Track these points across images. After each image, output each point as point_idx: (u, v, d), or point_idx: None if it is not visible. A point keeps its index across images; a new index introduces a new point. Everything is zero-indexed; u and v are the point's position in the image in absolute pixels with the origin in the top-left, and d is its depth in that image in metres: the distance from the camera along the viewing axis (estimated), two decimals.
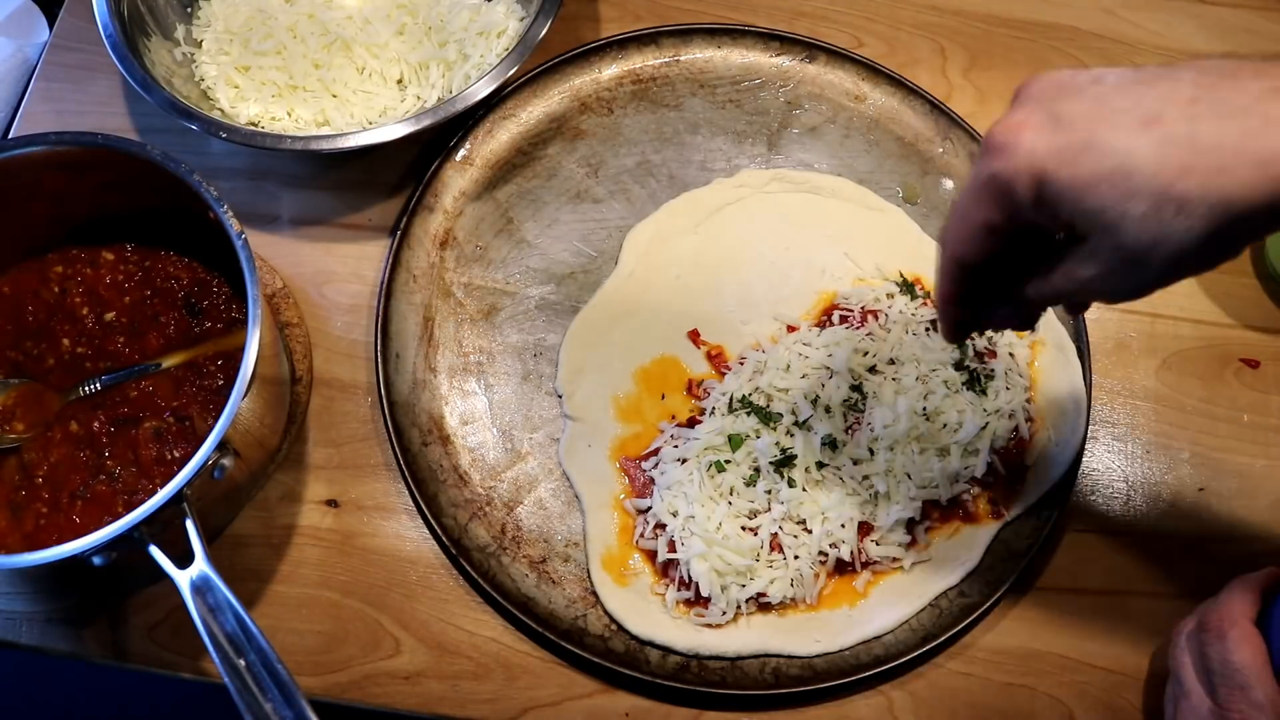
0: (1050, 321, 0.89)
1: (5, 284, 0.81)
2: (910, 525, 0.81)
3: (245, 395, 0.66)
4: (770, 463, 0.81)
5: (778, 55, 0.98)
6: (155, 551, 0.65)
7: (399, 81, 0.94)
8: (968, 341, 0.86)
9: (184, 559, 0.65)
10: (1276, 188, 0.46)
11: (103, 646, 0.78)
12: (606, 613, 0.79)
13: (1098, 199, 0.49)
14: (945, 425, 0.83)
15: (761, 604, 0.79)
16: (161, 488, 0.64)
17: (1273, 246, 0.94)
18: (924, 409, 0.83)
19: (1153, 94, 0.49)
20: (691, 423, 0.85)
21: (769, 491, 0.80)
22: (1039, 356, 0.88)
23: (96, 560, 0.65)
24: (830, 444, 0.81)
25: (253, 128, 0.89)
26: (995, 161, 0.52)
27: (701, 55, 0.98)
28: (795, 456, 0.81)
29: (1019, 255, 0.57)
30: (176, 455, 0.76)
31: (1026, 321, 0.63)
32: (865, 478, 0.81)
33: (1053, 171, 0.50)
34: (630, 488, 0.83)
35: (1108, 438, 0.89)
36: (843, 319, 0.88)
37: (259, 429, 0.75)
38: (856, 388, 0.83)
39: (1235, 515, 0.88)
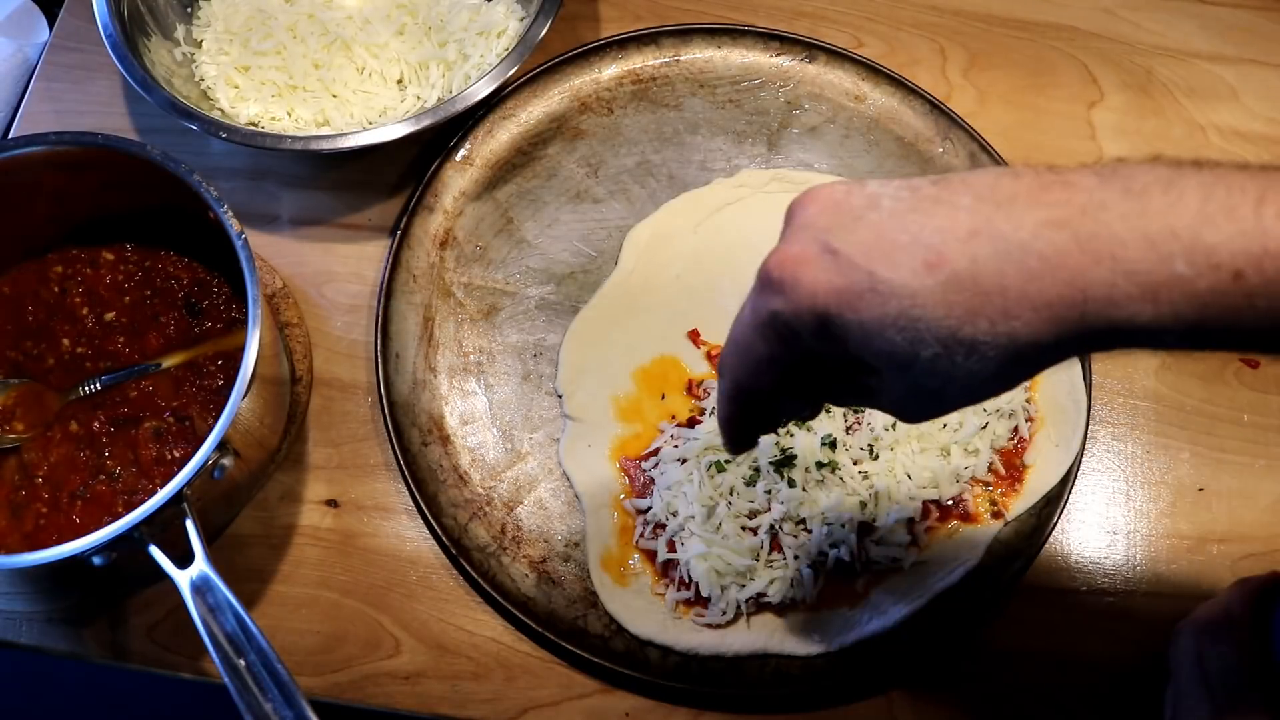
0: None
1: (5, 284, 0.81)
2: (910, 525, 0.81)
3: (245, 395, 0.66)
4: (770, 463, 0.81)
5: (778, 55, 0.98)
6: (155, 551, 0.65)
7: (399, 81, 0.94)
8: None
9: (184, 559, 0.65)
10: (1061, 328, 0.45)
11: (103, 646, 0.78)
12: (606, 613, 0.79)
13: (885, 343, 0.46)
14: (945, 425, 0.83)
15: (761, 604, 0.79)
16: (161, 488, 0.64)
17: None
18: None
19: (931, 226, 0.46)
20: (691, 423, 0.85)
21: (769, 491, 0.80)
22: None
23: (96, 560, 0.65)
24: (830, 444, 0.81)
25: (253, 128, 0.89)
26: (774, 300, 0.49)
27: (701, 55, 0.98)
28: (795, 456, 0.81)
29: (810, 376, 0.54)
30: (176, 455, 0.76)
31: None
32: (865, 478, 0.81)
33: (835, 315, 0.47)
34: (630, 488, 0.83)
35: (1108, 438, 0.89)
36: None
37: (259, 429, 0.75)
38: None
39: (1235, 515, 0.88)
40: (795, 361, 0.51)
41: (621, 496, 0.83)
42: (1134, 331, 0.44)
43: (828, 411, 0.82)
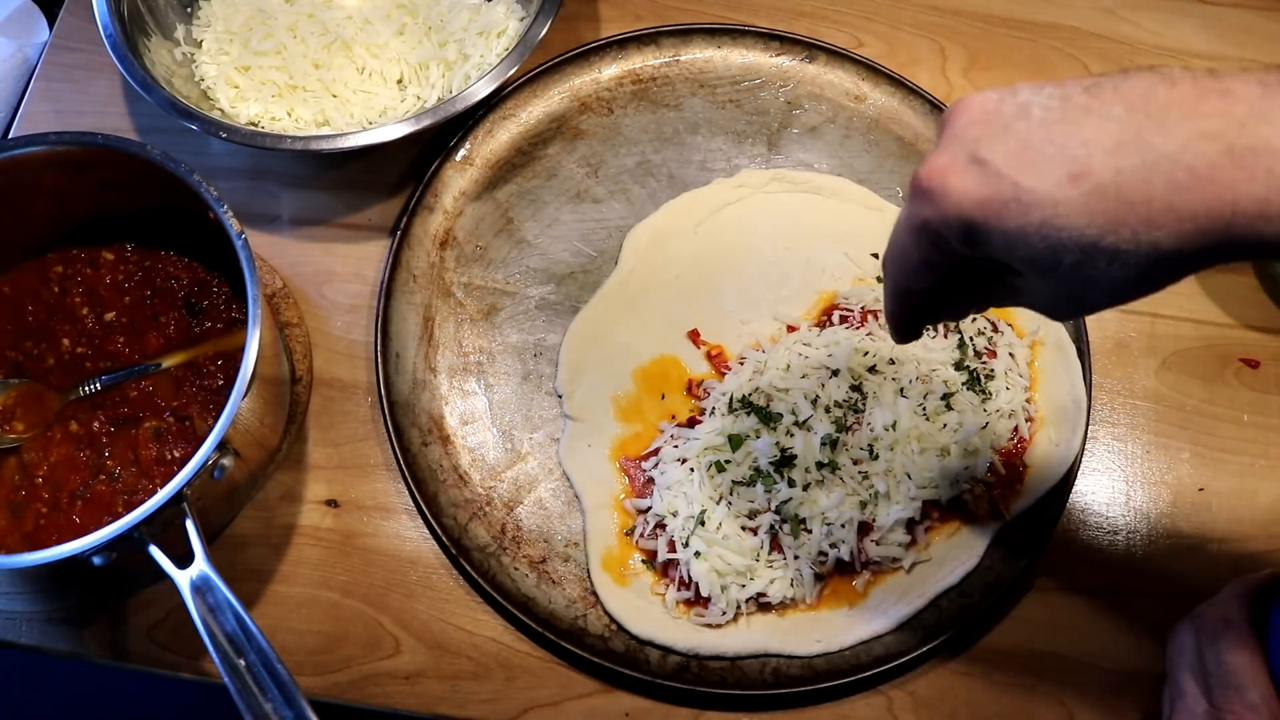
0: (1050, 321, 0.89)
1: (5, 284, 0.81)
2: (910, 525, 0.81)
3: (245, 395, 0.66)
4: (770, 463, 0.80)
5: (778, 55, 0.98)
6: (155, 551, 0.65)
7: (399, 81, 0.94)
8: (967, 342, 0.86)
9: (184, 559, 0.65)
10: (1206, 240, 0.45)
11: (103, 646, 0.78)
12: (606, 613, 0.79)
13: (1027, 250, 0.48)
14: (945, 425, 0.83)
15: (761, 604, 0.79)
16: (161, 488, 0.64)
17: None
18: (924, 409, 0.83)
19: (1079, 138, 0.47)
20: (691, 423, 0.85)
21: (769, 491, 0.80)
22: (1039, 356, 0.88)
23: (96, 560, 0.65)
24: (830, 444, 0.81)
25: (253, 128, 0.89)
26: (925, 208, 0.51)
27: (701, 55, 0.98)
28: (795, 456, 0.81)
29: (963, 276, 0.57)
30: (176, 455, 0.76)
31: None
32: (865, 477, 0.81)
33: (980, 223, 0.48)
34: (630, 488, 0.83)
35: (1108, 438, 0.89)
36: (843, 319, 0.88)
37: (259, 429, 0.75)
38: (856, 388, 0.83)
39: (1235, 515, 0.88)
40: (947, 264, 0.53)
41: (621, 496, 0.83)
42: None
43: (828, 413, 0.82)
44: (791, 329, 0.88)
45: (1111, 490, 0.88)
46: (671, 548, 0.80)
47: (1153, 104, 0.46)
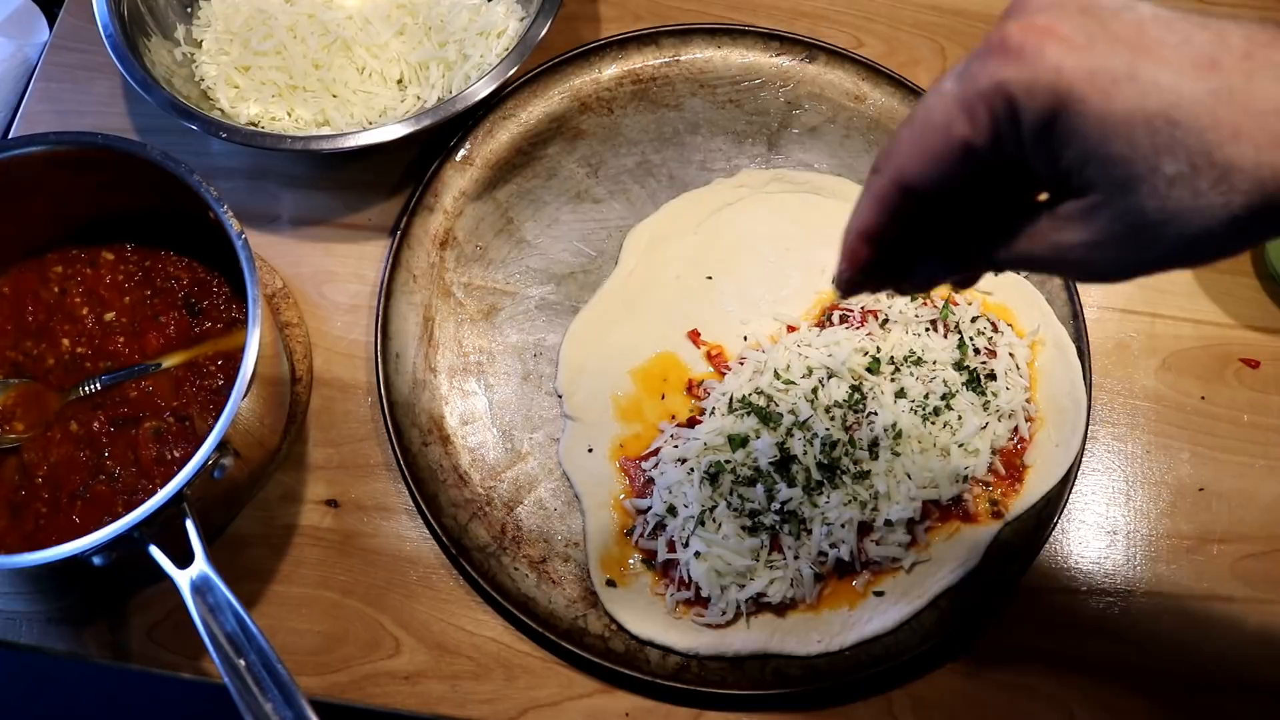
0: (1050, 321, 0.89)
1: (5, 284, 0.81)
2: (910, 525, 0.81)
3: (245, 395, 0.66)
4: (770, 463, 0.80)
5: (778, 55, 0.98)
6: (155, 551, 0.65)
7: (399, 81, 0.94)
8: (967, 342, 0.86)
9: (184, 559, 0.65)
10: None
11: (103, 646, 0.78)
12: (606, 613, 0.79)
13: (1128, 145, 0.39)
14: (945, 425, 0.83)
15: (761, 604, 0.79)
16: (161, 488, 0.64)
17: (1273, 247, 0.94)
18: (924, 409, 0.83)
19: (1203, 36, 0.40)
20: (691, 423, 0.85)
21: (769, 491, 0.80)
22: (1039, 356, 0.88)
23: (96, 560, 0.65)
24: (830, 444, 0.81)
25: (253, 128, 0.89)
26: (1006, 67, 0.40)
27: (701, 55, 0.98)
28: (795, 457, 0.81)
29: (981, 198, 0.45)
30: (176, 455, 0.76)
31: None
32: (865, 478, 0.81)
33: (1081, 98, 0.39)
34: (630, 488, 0.83)
35: (1108, 438, 0.89)
36: (843, 319, 0.88)
37: (259, 429, 0.75)
38: (856, 388, 0.83)
39: (1235, 515, 0.88)
40: (988, 160, 0.43)
41: (621, 496, 0.83)
42: None
43: (828, 413, 0.82)
44: (791, 329, 0.88)
45: (1111, 490, 0.88)
46: (671, 548, 0.80)
47: (1273, 32, 0.40)
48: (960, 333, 0.86)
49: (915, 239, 0.48)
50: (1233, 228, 0.40)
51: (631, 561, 0.81)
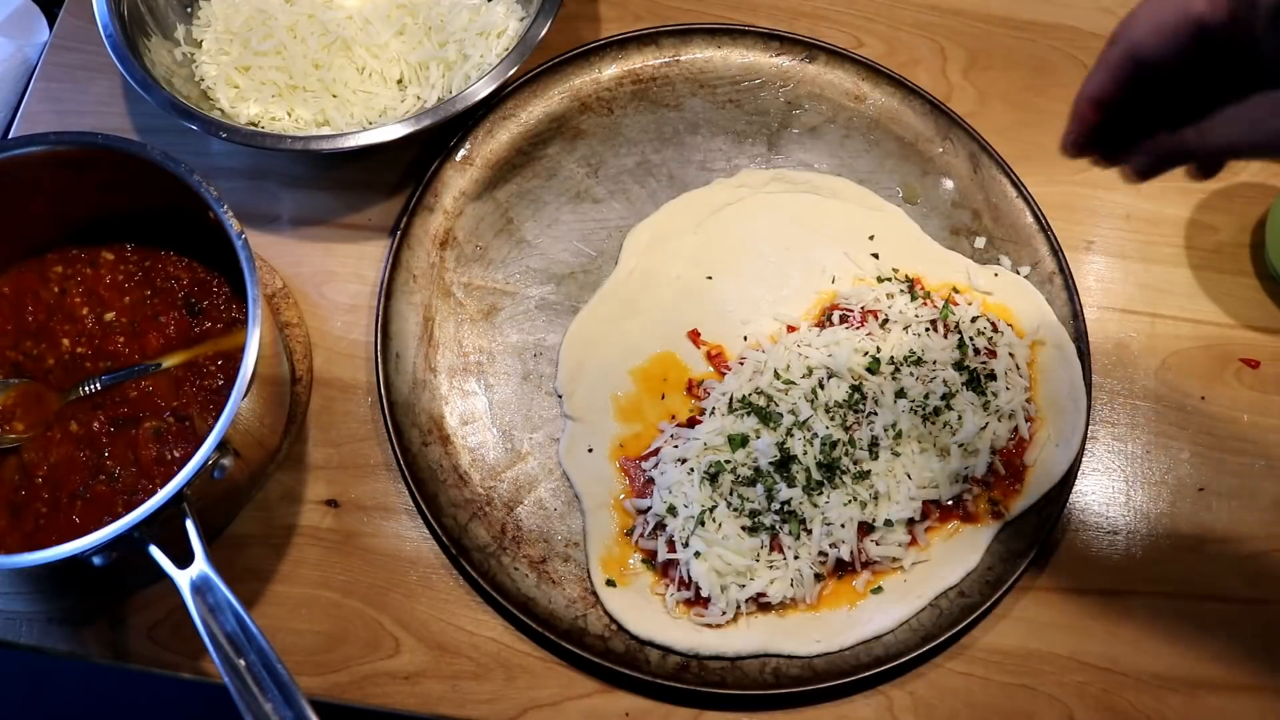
0: (1050, 321, 0.89)
1: (5, 284, 0.81)
2: (910, 525, 0.81)
3: (245, 395, 0.66)
4: (770, 463, 0.80)
5: (778, 55, 0.98)
6: (155, 551, 0.65)
7: (399, 81, 0.94)
8: (967, 342, 0.86)
9: (184, 559, 0.65)
10: None
11: (103, 646, 0.78)
12: (606, 613, 0.79)
13: None
14: (945, 425, 0.83)
15: (761, 604, 0.79)
16: (161, 488, 0.64)
17: (1273, 246, 0.94)
18: (924, 409, 0.83)
19: None
20: (691, 423, 0.85)
21: (769, 491, 0.80)
22: (1039, 356, 0.88)
23: (96, 560, 0.65)
24: (830, 444, 0.81)
25: (253, 128, 0.89)
26: None
27: (701, 55, 0.98)
28: (795, 457, 0.81)
29: (1207, 82, 0.48)
30: (176, 455, 0.76)
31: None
32: (865, 477, 0.81)
33: None
34: (630, 488, 0.83)
35: (1108, 438, 0.89)
36: (843, 319, 0.88)
37: (259, 429, 0.75)
38: (856, 388, 0.83)
39: (1235, 515, 0.88)
40: (1219, 44, 0.46)
41: (621, 496, 0.83)
42: None
43: (828, 413, 0.82)
44: (791, 329, 0.88)
45: (1111, 490, 0.88)
46: (671, 548, 0.80)
47: None
48: (960, 333, 0.86)
49: (1140, 113, 0.51)
50: None
51: (631, 561, 0.81)
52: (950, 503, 0.82)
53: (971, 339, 0.86)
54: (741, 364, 0.86)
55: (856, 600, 0.80)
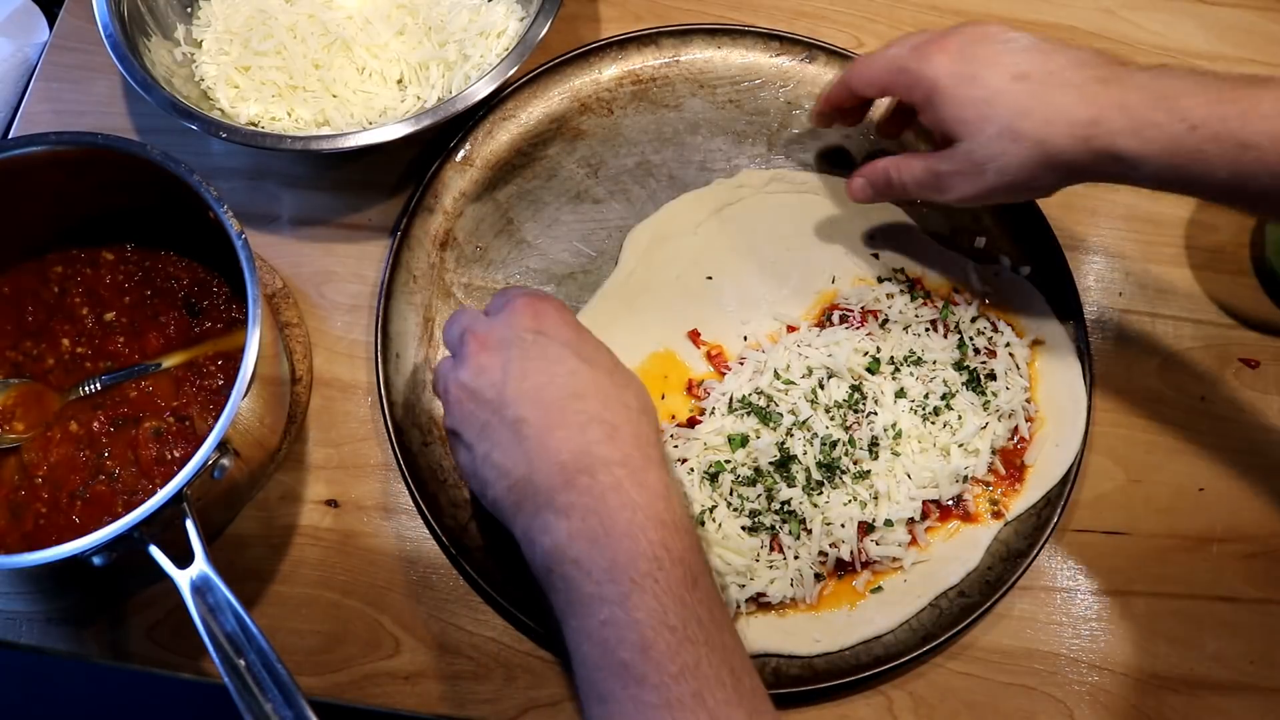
0: (1050, 321, 0.89)
1: (5, 284, 0.81)
2: (910, 525, 0.81)
3: (245, 395, 0.66)
4: (770, 463, 0.81)
5: (778, 55, 0.98)
6: (155, 551, 0.65)
7: (399, 81, 0.94)
8: (967, 342, 0.86)
9: (184, 559, 0.65)
10: (1079, 145, 0.67)
11: (103, 646, 0.79)
12: None
13: (966, 115, 0.71)
14: (945, 425, 0.83)
15: (761, 604, 0.79)
16: (161, 488, 0.64)
17: (1273, 246, 0.94)
18: (924, 409, 0.83)
19: (1031, 60, 0.70)
20: (691, 423, 0.85)
21: (769, 491, 0.80)
22: (1039, 356, 0.88)
23: (96, 560, 0.65)
24: (830, 444, 0.81)
25: (253, 128, 0.89)
26: (912, 60, 0.73)
27: (701, 55, 0.98)
28: (795, 456, 0.81)
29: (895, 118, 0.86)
30: (176, 455, 0.76)
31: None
32: (865, 477, 0.81)
33: (944, 88, 0.71)
34: None
35: (1108, 438, 0.89)
36: (843, 319, 0.88)
37: (259, 429, 0.75)
38: (856, 388, 0.83)
39: (1235, 515, 0.88)
40: (903, 101, 0.79)
41: None
42: (1121, 158, 0.67)
43: (828, 413, 0.82)
44: (791, 329, 0.88)
45: (1111, 490, 0.88)
46: None
47: (1084, 60, 0.70)
48: (960, 333, 0.87)
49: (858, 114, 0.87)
50: (1026, 170, 0.70)
51: None
52: (950, 503, 0.83)
53: (971, 339, 0.86)
54: (741, 364, 0.86)
55: (856, 600, 0.80)
